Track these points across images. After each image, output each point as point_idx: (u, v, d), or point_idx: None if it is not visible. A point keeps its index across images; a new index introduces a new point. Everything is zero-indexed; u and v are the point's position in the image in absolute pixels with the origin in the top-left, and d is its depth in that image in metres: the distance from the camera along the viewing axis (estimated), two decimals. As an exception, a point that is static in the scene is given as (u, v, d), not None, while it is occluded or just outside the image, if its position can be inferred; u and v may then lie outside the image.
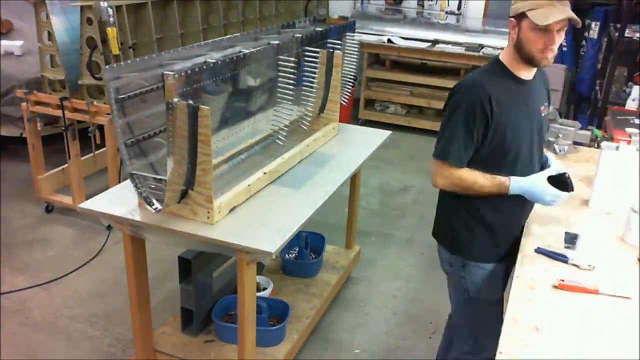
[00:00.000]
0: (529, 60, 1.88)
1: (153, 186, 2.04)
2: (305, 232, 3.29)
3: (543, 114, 2.04)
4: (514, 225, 2.08)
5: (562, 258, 1.88)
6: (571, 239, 1.95)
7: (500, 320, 1.60)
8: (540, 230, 2.06)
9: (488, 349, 2.03)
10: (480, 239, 2.05)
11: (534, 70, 1.97)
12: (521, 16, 1.83)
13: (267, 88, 2.47)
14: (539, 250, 1.93)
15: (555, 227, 2.07)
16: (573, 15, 1.79)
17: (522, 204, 2.04)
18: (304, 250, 3.22)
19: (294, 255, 3.31)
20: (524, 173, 1.96)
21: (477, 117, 1.87)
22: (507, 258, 2.08)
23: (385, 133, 3.09)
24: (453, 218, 2.09)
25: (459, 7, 6.34)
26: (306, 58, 2.69)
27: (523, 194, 1.93)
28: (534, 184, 1.93)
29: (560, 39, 1.84)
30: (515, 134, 1.93)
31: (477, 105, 1.86)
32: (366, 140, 3.04)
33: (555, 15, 1.77)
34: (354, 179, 3.22)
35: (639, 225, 1.95)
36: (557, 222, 2.12)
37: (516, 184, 1.92)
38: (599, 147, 2.69)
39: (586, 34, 5.40)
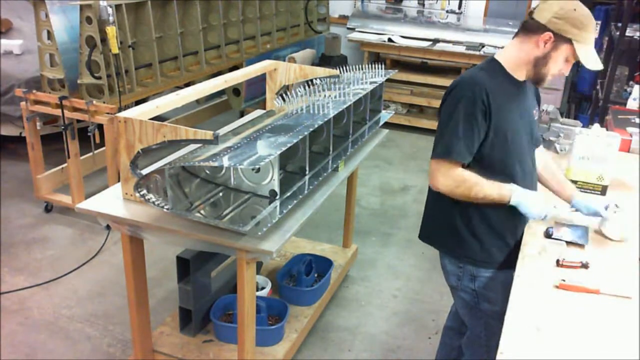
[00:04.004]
0: (538, 77, 1.86)
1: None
2: (310, 256, 3.13)
3: (535, 118, 2.01)
4: (519, 227, 2.02)
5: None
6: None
7: None
8: (540, 229, 2.05)
9: None
10: (494, 245, 1.97)
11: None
12: (563, 39, 1.78)
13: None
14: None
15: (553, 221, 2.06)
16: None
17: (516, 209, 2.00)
18: (303, 276, 2.96)
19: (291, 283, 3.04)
20: (525, 179, 1.93)
21: (478, 111, 1.79)
22: (514, 263, 2.00)
23: (382, 132, 3.08)
24: (463, 227, 1.96)
25: (459, 6, 6.33)
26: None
27: (525, 204, 1.85)
28: (536, 199, 1.87)
29: None
30: (515, 135, 1.88)
31: (478, 99, 1.79)
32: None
33: (597, 60, 1.80)
34: (351, 178, 3.21)
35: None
36: (557, 218, 2.11)
37: (519, 193, 1.85)
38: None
39: (587, 33, 5.38)
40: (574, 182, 2.36)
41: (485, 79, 1.84)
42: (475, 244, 1.97)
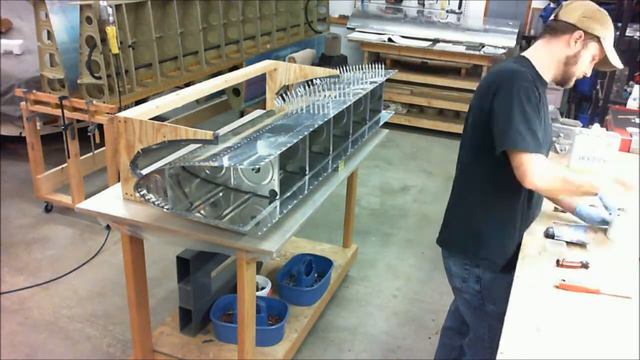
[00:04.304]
0: (566, 76, 1.91)
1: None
2: (310, 256, 3.14)
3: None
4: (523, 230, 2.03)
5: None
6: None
7: None
8: (540, 229, 2.05)
9: None
10: (497, 248, 1.96)
11: None
12: (593, 38, 1.85)
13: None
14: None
15: (553, 221, 2.06)
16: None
17: (535, 209, 2.03)
18: (303, 276, 2.96)
19: (292, 283, 3.04)
20: None
21: (535, 102, 1.77)
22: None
23: (382, 132, 3.08)
24: (486, 230, 1.95)
25: (459, 6, 6.33)
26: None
27: (596, 214, 1.99)
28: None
29: None
30: (545, 135, 1.86)
31: (531, 89, 1.77)
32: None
33: (617, 56, 1.90)
34: (351, 178, 3.21)
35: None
36: (557, 218, 2.11)
37: (605, 190, 1.93)
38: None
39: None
40: None
41: (527, 72, 1.84)
42: (497, 247, 1.96)
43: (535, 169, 1.71)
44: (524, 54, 1.94)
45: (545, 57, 1.90)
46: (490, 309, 2.04)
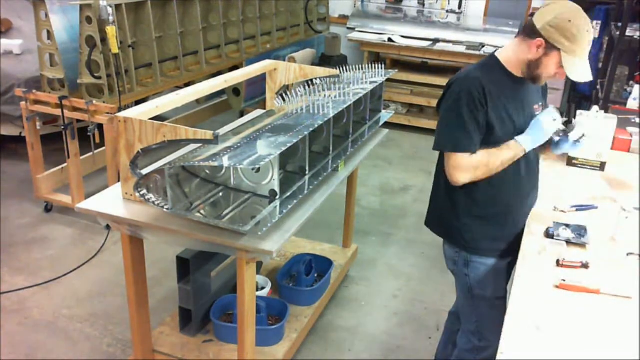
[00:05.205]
0: (531, 77, 1.93)
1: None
2: (310, 256, 3.13)
3: (536, 113, 2.03)
4: (514, 219, 2.07)
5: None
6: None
7: (504, 317, 1.61)
8: (540, 229, 2.05)
9: (492, 346, 2.04)
10: (481, 233, 2.05)
11: None
12: (554, 47, 1.81)
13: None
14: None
15: (553, 221, 2.06)
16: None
17: (521, 199, 2.06)
18: (303, 276, 2.96)
19: (292, 283, 3.03)
20: (520, 169, 2.00)
21: (477, 103, 1.87)
22: (509, 254, 2.08)
23: (382, 131, 3.08)
24: (453, 213, 2.07)
25: (459, 6, 6.33)
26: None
27: (533, 138, 1.94)
28: (535, 124, 1.95)
29: None
30: (504, 128, 1.93)
31: (475, 92, 1.87)
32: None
33: (585, 72, 1.83)
34: (351, 178, 3.21)
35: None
36: (554, 217, 2.11)
37: (522, 137, 1.94)
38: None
39: (587, 33, 5.38)
40: (575, 159, 2.60)
41: (480, 74, 1.92)
42: (467, 231, 2.06)
43: (454, 171, 1.92)
44: (497, 52, 2.03)
45: (511, 56, 1.95)
46: (478, 293, 2.13)
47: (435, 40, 5.88)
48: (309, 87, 2.60)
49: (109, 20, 3.39)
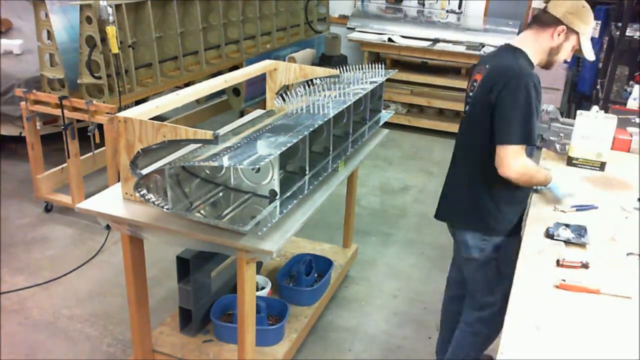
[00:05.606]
0: (549, 63, 2.13)
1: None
2: (310, 256, 3.13)
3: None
4: (528, 195, 2.26)
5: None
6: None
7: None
8: (540, 229, 2.04)
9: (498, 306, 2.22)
10: (512, 215, 2.19)
11: None
12: (573, 32, 2.06)
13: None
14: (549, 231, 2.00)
15: (553, 221, 2.06)
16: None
17: None
18: (303, 276, 2.96)
19: (292, 283, 3.02)
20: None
21: (540, 99, 1.99)
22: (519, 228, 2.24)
23: (382, 131, 3.08)
24: (492, 203, 2.14)
25: (459, 6, 6.33)
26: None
27: (555, 189, 2.21)
28: (565, 187, 2.24)
29: None
30: (537, 122, 2.05)
31: (538, 87, 1.98)
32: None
33: (591, 49, 2.14)
34: (351, 178, 3.21)
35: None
36: (554, 217, 2.11)
37: (554, 184, 2.18)
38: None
39: (587, 32, 5.38)
40: (575, 159, 2.62)
41: (529, 68, 2.05)
42: (504, 217, 2.17)
43: (512, 159, 1.96)
44: (515, 44, 2.12)
45: (533, 47, 2.11)
46: (505, 271, 2.17)
47: (435, 40, 5.88)
48: (309, 87, 2.60)
49: (109, 20, 3.39)
